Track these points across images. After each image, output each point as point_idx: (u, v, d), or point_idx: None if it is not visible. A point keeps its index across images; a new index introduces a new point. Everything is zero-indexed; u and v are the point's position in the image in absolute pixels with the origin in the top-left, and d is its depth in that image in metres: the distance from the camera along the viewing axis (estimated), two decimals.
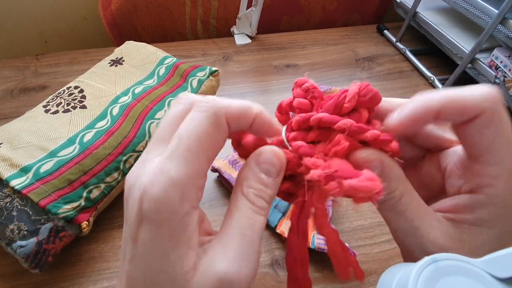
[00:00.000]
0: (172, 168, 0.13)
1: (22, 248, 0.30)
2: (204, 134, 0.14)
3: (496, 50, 0.50)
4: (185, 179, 0.13)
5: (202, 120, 0.14)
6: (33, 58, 0.63)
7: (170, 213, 0.13)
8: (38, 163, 0.34)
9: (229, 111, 0.15)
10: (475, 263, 0.13)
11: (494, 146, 0.14)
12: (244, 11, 0.68)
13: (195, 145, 0.14)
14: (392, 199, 0.15)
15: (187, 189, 0.13)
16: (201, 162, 0.14)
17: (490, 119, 0.14)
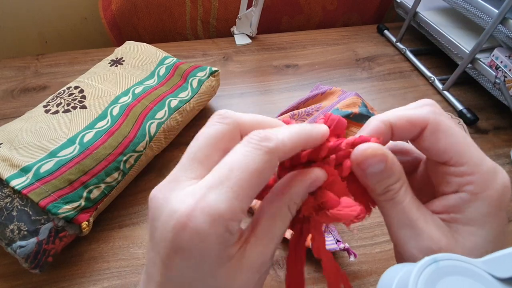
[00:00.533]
0: (218, 200, 0.13)
1: (22, 248, 0.30)
2: (256, 172, 0.14)
3: (496, 50, 0.50)
4: (230, 214, 0.13)
5: (256, 158, 0.14)
6: (33, 58, 0.63)
7: (212, 246, 0.13)
8: (38, 163, 0.34)
9: (284, 150, 0.15)
10: (475, 263, 0.13)
11: (454, 148, 0.16)
12: (244, 11, 0.68)
13: (247, 181, 0.13)
14: (392, 190, 0.16)
15: (231, 223, 0.13)
16: (248, 199, 0.14)
17: (436, 126, 0.16)
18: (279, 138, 0.15)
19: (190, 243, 0.13)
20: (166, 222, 0.13)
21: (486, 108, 0.56)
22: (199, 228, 0.13)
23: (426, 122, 0.16)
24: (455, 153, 0.16)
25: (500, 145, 0.50)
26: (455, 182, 0.16)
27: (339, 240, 0.34)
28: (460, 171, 0.16)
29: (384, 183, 0.16)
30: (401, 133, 0.17)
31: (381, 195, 0.16)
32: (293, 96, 0.57)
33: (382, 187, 0.16)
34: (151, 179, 0.43)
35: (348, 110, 0.42)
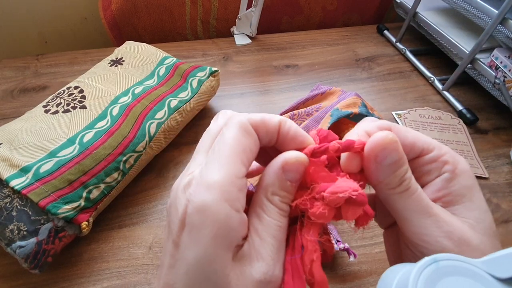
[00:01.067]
0: (209, 173, 0.14)
1: (22, 248, 0.30)
2: (234, 140, 0.15)
3: (496, 51, 0.50)
4: (222, 180, 0.14)
5: (231, 130, 0.16)
6: (33, 58, 0.63)
7: (210, 215, 0.14)
8: (38, 163, 0.34)
9: (252, 118, 0.16)
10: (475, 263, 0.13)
11: (419, 139, 0.17)
12: (244, 11, 0.68)
13: (228, 150, 0.15)
14: (406, 179, 0.16)
15: (225, 188, 0.14)
16: (235, 164, 0.15)
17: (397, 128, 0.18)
18: (253, 114, 0.17)
19: (194, 214, 0.14)
20: (179, 204, 0.14)
21: (486, 108, 0.56)
22: (198, 200, 0.14)
23: (390, 126, 0.17)
24: (423, 143, 0.17)
25: (500, 145, 0.50)
26: (434, 168, 0.17)
27: (339, 240, 0.34)
28: (434, 156, 0.17)
29: (399, 173, 0.16)
30: None
31: (396, 188, 0.16)
32: (293, 96, 0.57)
33: (397, 178, 0.16)
34: (151, 179, 0.43)
35: (348, 110, 0.42)
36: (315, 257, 0.15)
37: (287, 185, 0.16)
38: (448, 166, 0.17)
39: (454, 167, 0.16)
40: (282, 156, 0.16)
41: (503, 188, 0.43)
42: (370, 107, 0.45)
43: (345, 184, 0.15)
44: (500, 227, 0.39)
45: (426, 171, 0.17)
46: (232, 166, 0.15)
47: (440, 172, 0.17)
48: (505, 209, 0.41)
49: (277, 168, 0.16)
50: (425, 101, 0.57)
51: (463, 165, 0.17)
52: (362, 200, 0.15)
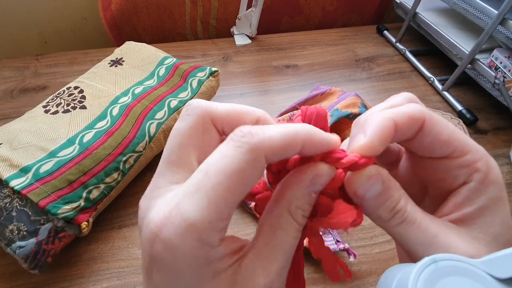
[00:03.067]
0: (190, 209, 0.12)
1: (22, 248, 0.30)
2: (236, 174, 0.12)
3: (496, 51, 0.50)
4: (205, 223, 0.12)
5: (236, 157, 0.12)
6: (33, 58, 0.63)
7: (186, 259, 0.12)
8: (38, 164, 0.34)
9: (271, 147, 0.12)
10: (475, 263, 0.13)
11: (455, 138, 0.15)
12: (244, 11, 0.68)
13: (224, 185, 0.12)
14: (399, 210, 0.14)
15: (207, 233, 0.12)
16: (228, 206, 0.12)
17: (433, 120, 0.15)
18: (266, 133, 0.12)
19: (162, 256, 0.12)
20: (145, 232, 0.13)
21: (486, 109, 0.56)
22: (169, 239, 0.12)
23: (424, 117, 0.15)
24: (458, 143, 0.15)
25: (499, 146, 0.50)
26: (462, 174, 0.15)
27: (338, 240, 0.34)
28: (466, 160, 0.15)
29: (389, 205, 0.14)
30: (403, 130, 0.15)
31: (390, 220, 0.14)
32: (292, 96, 0.57)
33: (388, 210, 0.14)
34: (151, 180, 0.43)
35: (347, 110, 0.42)
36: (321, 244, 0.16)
37: (312, 197, 0.14)
38: (477, 175, 0.14)
39: (484, 176, 0.14)
40: (313, 170, 0.14)
41: None
42: (370, 107, 0.45)
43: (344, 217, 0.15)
44: None
45: (453, 175, 0.15)
46: (223, 209, 0.12)
47: (468, 179, 0.15)
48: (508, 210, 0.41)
49: (308, 181, 0.14)
50: (424, 102, 0.57)
51: (494, 175, 0.15)
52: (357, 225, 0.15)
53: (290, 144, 0.13)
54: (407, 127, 0.14)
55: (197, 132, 0.14)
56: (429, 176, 0.16)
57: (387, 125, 0.14)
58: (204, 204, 0.12)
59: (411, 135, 0.15)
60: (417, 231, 0.14)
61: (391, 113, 0.14)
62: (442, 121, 0.15)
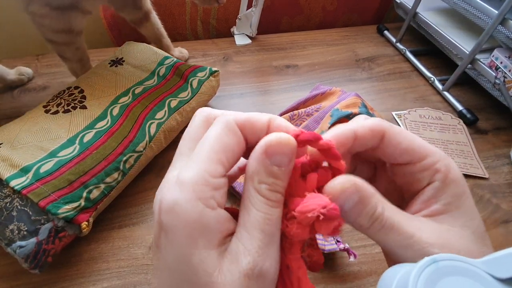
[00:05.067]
0: (184, 172, 0.14)
1: (22, 248, 0.30)
2: (215, 139, 0.15)
3: (496, 51, 0.50)
4: (195, 178, 0.14)
5: (214, 129, 0.15)
6: (34, 58, 0.63)
7: (182, 214, 0.13)
8: (38, 163, 0.34)
9: (238, 117, 0.16)
10: (475, 263, 0.13)
11: (413, 145, 0.16)
12: (244, 11, 0.68)
13: (206, 149, 0.14)
14: (377, 217, 0.15)
15: (198, 187, 0.14)
16: (211, 162, 0.14)
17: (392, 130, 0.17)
18: (235, 113, 0.16)
19: (166, 219, 0.14)
20: (156, 207, 0.14)
21: (486, 109, 0.56)
22: (169, 200, 0.14)
23: (384, 129, 0.17)
24: (416, 150, 0.16)
25: (500, 146, 0.50)
26: (425, 176, 0.16)
27: (339, 240, 0.34)
28: (426, 163, 0.16)
29: (366, 212, 0.15)
30: (363, 141, 0.17)
31: (370, 228, 0.15)
32: (293, 96, 0.57)
33: (366, 218, 0.15)
34: (151, 179, 0.43)
35: (348, 110, 0.42)
36: (301, 274, 0.15)
37: (274, 170, 0.14)
38: (439, 175, 0.16)
39: (445, 176, 0.16)
40: (263, 140, 0.15)
41: (503, 188, 0.43)
42: (370, 107, 0.45)
43: (314, 201, 0.14)
44: (500, 227, 0.39)
45: (417, 178, 0.17)
46: (208, 165, 0.14)
47: (431, 180, 0.16)
48: (505, 209, 0.41)
49: (259, 153, 0.14)
50: (425, 102, 0.57)
51: (454, 173, 0.16)
52: (333, 215, 0.14)
53: (252, 119, 0.16)
54: (369, 137, 0.17)
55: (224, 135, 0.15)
56: (400, 181, 0.18)
57: (345, 133, 0.16)
58: (194, 165, 0.14)
59: (375, 144, 0.17)
60: (396, 235, 0.15)
61: (353, 125, 0.17)
62: (402, 132, 0.17)
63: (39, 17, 0.42)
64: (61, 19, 0.42)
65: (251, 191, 0.15)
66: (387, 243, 0.15)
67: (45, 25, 0.43)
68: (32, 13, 0.42)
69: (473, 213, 0.16)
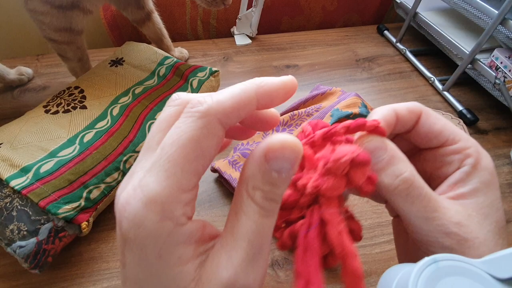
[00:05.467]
0: (150, 182, 0.12)
1: (22, 248, 0.30)
2: (189, 142, 0.12)
3: (496, 51, 0.50)
4: (165, 194, 0.12)
5: (188, 126, 0.12)
6: (33, 59, 0.63)
7: (150, 235, 0.12)
8: (38, 163, 0.34)
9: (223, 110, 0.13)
10: (475, 263, 0.13)
11: (447, 128, 0.17)
12: (244, 11, 0.68)
13: (179, 154, 0.12)
14: (404, 182, 0.15)
15: (168, 206, 0.12)
16: (186, 174, 0.12)
17: (428, 112, 0.17)
18: (214, 99, 0.13)
19: (129, 234, 0.12)
20: (116, 212, 0.12)
21: (486, 109, 0.56)
22: (133, 215, 0.12)
23: (421, 110, 0.17)
24: (450, 133, 0.17)
25: (500, 146, 0.50)
26: (456, 160, 0.17)
27: None
28: (458, 147, 0.17)
29: (392, 171, 0.15)
30: (403, 121, 0.17)
31: (394, 191, 0.15)
32: (293, 96, 0.57)
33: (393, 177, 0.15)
34: None
35: (348, 110, 0.42)
36: (342, 228, 0.13)
37: (273, 177, 0.13)
38: (470, 160, 0.16)
39: (476, 161, 0.16)
40: (265, 142, 0.13)
41: (503, 188, 0.43)
42: (370, 107, 0.45)
43: (344, 149, 0.14)
44: None
45: (448, 161, 0.17)
46: (180, 177, 0.12)
47: (461, 164, 0.16)
48: (506, 209, 0.41)
49: (258, 156, 0.13)
50: (425, 102, 0.57)
51: (486, 161, 0.16)
52: (365, 159, 0.14)
53: (241, 103, 0.13)
54: (407, 117, 0.17)
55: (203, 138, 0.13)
56: (430, 167, 0.18)
57: (390, 113, 0.17)
58: (161, 175, 0.12)
59: (411, 126, 0.17)
60: (421, 205, 0.15)
61: (393, 106, 0.17)
62: (435, 115, 0.17)
63: (39, 15, 0.42)
64: (62, 17, 0.42)
65: (243, 196, 0.13)
66: (410, 211, 0.15)
67: (46, 23, 0.43)
68: (32, 10, 0.42)
69: (498, 204, 0.16)
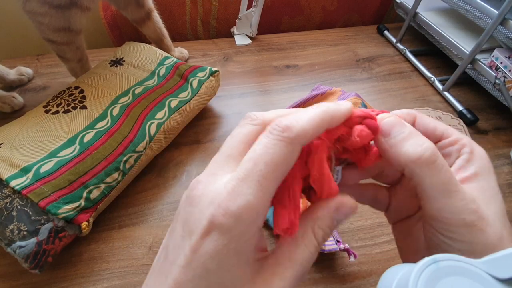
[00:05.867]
0: (248, 192, 0.14)
1: (22, 248, 0.30)
2: (279, 164, 0.15)
3: (496, 51, 0.50)
4: (259, 204, 0.14)
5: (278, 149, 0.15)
6: (34, 58, 0.63)
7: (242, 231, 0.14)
8: (38, 163, 0.34)
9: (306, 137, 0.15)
10: (475, 263, 0.13)
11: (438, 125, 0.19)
12: (244, 11, 0.68)
13: (271, 173, 0.14)
14: (429, 150, 0.16)
15: (258, 212, 0.14)
16: (273, 187, 0.15)
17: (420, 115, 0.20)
18: (300, 126, 0.15)
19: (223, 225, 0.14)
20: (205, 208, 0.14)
21: (486, 109, 0.56)
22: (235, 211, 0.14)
23: (415, 114, 0.20)
24: (443, 129, 0.19)
25: (500, 146, 0.50)
26: (454, 151, 0.18)
27: (339, 240, 0.34)
28: (453, 139, 0.18)
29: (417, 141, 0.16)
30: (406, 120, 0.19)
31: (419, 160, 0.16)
32: (293, 96, 0.57)
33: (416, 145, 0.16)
34: (151, 180, 0.43)
35: None
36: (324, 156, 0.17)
37: (334, 224, 0.16)
38: (466, 148, 0.18)
39: (471, 149, 0.18)
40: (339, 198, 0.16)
41: (503, 188, 0.43)
42: (370, 107, 0.45)
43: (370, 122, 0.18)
44: None
45: (447, 153, 0.18)
46: (271, 190, 0.15)
47: (459, 154, 0.18)
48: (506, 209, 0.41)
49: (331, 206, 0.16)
50: (425, 102, 0.57)
51: (480, 150, 0.18)
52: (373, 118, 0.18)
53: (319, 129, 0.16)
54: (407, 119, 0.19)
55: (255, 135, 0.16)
56: None
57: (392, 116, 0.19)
58: (258, 189, 0.14)
59: None
60: (442, 176, 0.16)
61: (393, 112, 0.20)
62: (428, 117, 0.20)
63: (38, 16, 0.42)
64: (60, 17, 0.42)
65: (307, 231, 0.16)
66: (432, 184, 0.16)
67: (44, 24, 0.43)
68: (30, 12, 0.42)
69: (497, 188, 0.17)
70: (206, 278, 0.14)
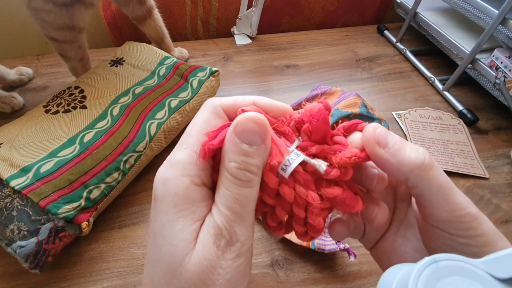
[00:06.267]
0: (176, 154, 0.16)
1: (22, 248, 0.30)
2: (202, 121, 0.16)
3: (497, 51, 0.50)
4: (185, 158, 0.15)
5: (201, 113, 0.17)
6: (34, 58, 0.63)
7: (171, 187, 0.15)
8: (38, 163, 0.34)
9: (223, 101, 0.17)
10: (475, 263, 0.13)
11: None
12: (245, 11, 0.68)
13: (194, 131, 0.16)
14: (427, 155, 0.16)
15: (186, 165, 0.15)
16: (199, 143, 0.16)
17: None
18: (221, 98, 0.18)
19: (157, 189, 0.15)
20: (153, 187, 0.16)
21: (486, 109, 0.56)
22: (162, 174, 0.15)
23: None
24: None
25: (500, 146, 0.50)
26: None
27: (339, 240, 0.34)
28: None
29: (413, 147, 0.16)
30: None
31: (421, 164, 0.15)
32: (293, 96, 0.57)
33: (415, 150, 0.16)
34: (151, 179, 0.43)
35: (348, 110, 0.42)
36: None
37: (244, 148, 0.14)
38: None
39: None
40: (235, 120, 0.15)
41: (503, 188, 0.43)
42: (370, 107, 0.45)
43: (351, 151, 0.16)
44: (500, 227, 0.39)
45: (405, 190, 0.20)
46: (196, 146, 0.16)
47: None
48: (505, 209, 0.41)
49: (229, 131, 0.15)
50: (425, 101, 0.57)
51: None
52: None
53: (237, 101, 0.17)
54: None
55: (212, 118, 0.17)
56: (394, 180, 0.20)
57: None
58: (184, 147, 0.16)
59: None
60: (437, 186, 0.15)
61: None
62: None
63: (42, 13, 0.42)
64: (64, 15, 0.42)
65: (222, 170, 0.15)
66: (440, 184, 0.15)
67: (48, 22, 0.43)
68: (35, 9, 0.42)
69: None
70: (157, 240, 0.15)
